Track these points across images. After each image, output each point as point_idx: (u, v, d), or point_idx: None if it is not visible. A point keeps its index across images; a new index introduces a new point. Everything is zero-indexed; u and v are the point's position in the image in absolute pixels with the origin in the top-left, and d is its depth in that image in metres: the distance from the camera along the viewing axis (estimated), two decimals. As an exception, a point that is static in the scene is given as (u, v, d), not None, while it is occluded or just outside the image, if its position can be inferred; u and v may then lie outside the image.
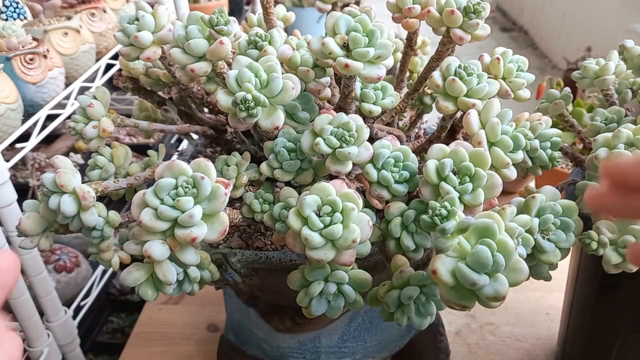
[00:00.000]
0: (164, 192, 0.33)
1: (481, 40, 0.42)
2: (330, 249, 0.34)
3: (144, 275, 0.35)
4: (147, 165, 0.49)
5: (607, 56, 0.50)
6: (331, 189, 0.34)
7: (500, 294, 0.30)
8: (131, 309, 1.15)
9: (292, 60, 0.43)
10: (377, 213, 0.40)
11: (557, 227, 0.40)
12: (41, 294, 0.73)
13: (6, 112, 0.65)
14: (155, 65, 0.50)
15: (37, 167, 1.10)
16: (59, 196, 0.38)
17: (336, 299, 0.38)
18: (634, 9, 2.11)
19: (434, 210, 0.33)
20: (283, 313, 0.55)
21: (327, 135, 0.37)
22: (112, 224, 0.42)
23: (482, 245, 0.30)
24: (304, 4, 1.87)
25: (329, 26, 0.38)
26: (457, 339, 0.72)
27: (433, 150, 0.37)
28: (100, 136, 0.45)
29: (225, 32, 0.39)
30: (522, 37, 3.29)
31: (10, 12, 0.78)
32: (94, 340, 1.08)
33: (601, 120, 0.48)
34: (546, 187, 0.42)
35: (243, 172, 0.43)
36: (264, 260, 0.45)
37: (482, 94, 0.39)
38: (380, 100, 0.43)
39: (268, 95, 0.37)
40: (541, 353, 0.69)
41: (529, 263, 0.37)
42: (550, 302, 0.77)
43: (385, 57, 0.38)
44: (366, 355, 0.58)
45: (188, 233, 0.32)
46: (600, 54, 0.51)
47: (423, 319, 0.38)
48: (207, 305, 0.79)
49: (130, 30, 0.41)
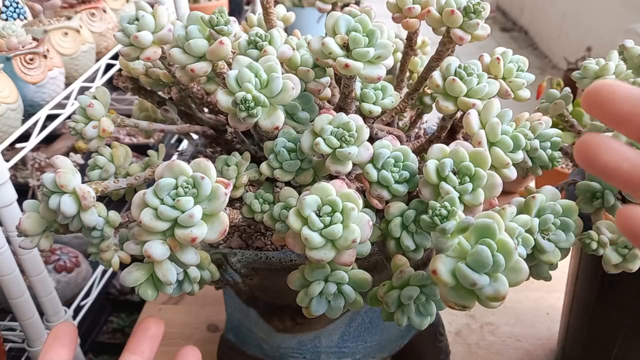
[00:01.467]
0: (164, 192, 0.33)
1: (481, 40, 0.42)
2: (330, 249, 0.34)
3: (144, 275, 0.35)
4: (147, 165, 0.49)
5: (607, 56, 0.50)
6: (331, 189, 0.34)
7: (500, 294, 0.30)
8: (131, 309, 1.15)
9: (292, 60, 0.43)
10: (377, 213, 0.40)
11: (557, 227, 0.40)
12: (41, 294, 0.73)
13: (6, 112, 0.65)
14: (155, 65, 0.50)
15: (37, 167, 1.10)
16: (59, 196, 0.38)
17: (336, 299, 0.38)
18: (634, 9, 2.11)
19: (434, 210, 0.33)
20: (283, 313, 0.55)
21: (327, 135, 0.37)
22: (112, 224, 0.42)
23: (482, 245, 0.30)
24: (304, 4, 1.87)
25: (329, 26, 0.38)
26: (457, 339, 0.72)
27: (433, 150, 0.37)
28: (100, 136, 0.45)
29: (225, 32, 0.39)
30: (522, 37, 3.29)
31: (10, 12, 0.78)
32: (94, 340, 1.08)
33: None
34: (546, 187, 0.42)
35: (243, 172, 0.43)
36: (264, 260, 0.45)
37: (482, 94, 0.39)
38: (380, 100, 0.43)
39: (268, 95, 0.37)
40: (541, 353, 0.69)
41: (529, 263, 0.37)
42: (550, 302, 0.77)
43: (385, 57, 0.38)
44: (366, 355, 0.58)
45: (188, 233, 0.32)
46: (600, 54, 0.51)
47: (423, 319, 0.38)
48: (207, 305, 0.79)
49: (130, 30, 0.41)
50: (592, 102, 0.21)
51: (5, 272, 0.66)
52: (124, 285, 0.35)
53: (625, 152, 0.20)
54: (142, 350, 0.33)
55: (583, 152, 0.21)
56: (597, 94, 0.21)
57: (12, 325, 0.83)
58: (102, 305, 1.12)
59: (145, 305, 0.82)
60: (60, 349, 0.31)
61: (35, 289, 0.72)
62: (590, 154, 0.21)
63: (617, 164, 0.20)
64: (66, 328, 0.32)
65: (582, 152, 0.21)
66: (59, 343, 0.31)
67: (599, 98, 0.21)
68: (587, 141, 0.21)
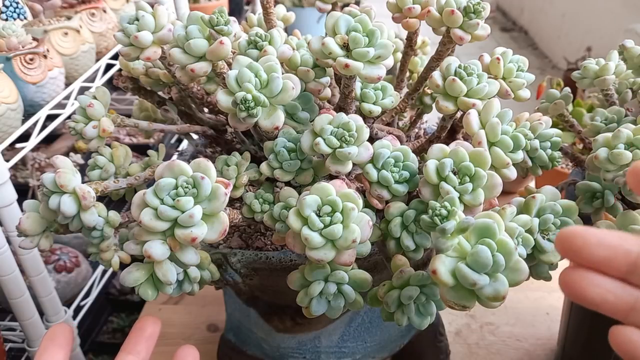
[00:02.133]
0: (164, 192, 0.33)
1: (481, 40, 0.42)
2: (330, 249, 0.34)
3: (144, 275, 0.35)
4: (147, 165, 0.49)
5: (607, 56, 0.50)
6: (331, 189, 0.34)
7: (500, 294, 0.30)
8: (131, 309, 1.15)
9: (292, 60, 0.43)
10: (377, 213, 0.40)
11: (557, 227, 0.40)
12: (41, 294, 0.73)
13: (6, 112, 0.65)
14: (155, 65, 0.50)
15: (37, 167, 1.10)
16: (59, 196, 0.38)
17: (336, 299, 0.38)
18: (634, 9, 2.11)
19: (434, 210, 0.33)
20: (283, 313, 0.55)
21: (327, 135, 0.37)
22: (112, 224, 0.42)
23: (482, 245, 0.30)
24: (304, 4, 1.87)
25: (329, 26, 0.38)
26: (457, 339, 0.72)
27: (433, 150, 0.37)
28: (100, 136, 0.45)
29: (225, 32, 0.39)
30: (522, 37, 3.29)
31: (10, 12, 0.78)
32: (94, 340, 1.08)
33: (601, 120, 0.48)
34: (546, 187, 0.42)
35: (243, 172, 0.43)
36: (264, 260, 0.45)
37: (482, 94, 0.39)
38: (380, 100, 0.43)
39: (268, 95, 0.37)
40: (541, 353, 0.69)
41: (529, 263, 0.37)
42: (550, 302, 0.77)
43: (385, 57, 0.38)
44: (366, 355, 0.58)
45: (188, 233, 0.32)
46: (600, 54, 0.51)
47: (423, 319, 0.38)
48: (207, 305, 0.79)
49: (130, 30, 0.41)
50: (568, 249, 0.22)
51: (5, 272, 0.66)
52: (124, 285, 0.35)
53: (608, 285, 0.22)
54: (138, 350, 0.33)
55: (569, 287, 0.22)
56: (571, 242, 0.21)
57: (12, 325, 0.83)
58: (102, 305, 1.12)
59: (145, 305, 0.82)
60: (56, 350, 0.31)
61: (35, 289, 0.72)
62: (576, 289, 0.22)
63: (603, 297, 0.22)
64: (62, 329, 0.32)
65: (568, 287, 0.22)
66: (54, 344, 0.31)
67: (574, 246, 0.21)
68: (570, 276, 0.22)
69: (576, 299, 0.22)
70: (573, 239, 0.21)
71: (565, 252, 0.22)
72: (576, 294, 0.22)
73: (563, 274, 0.22)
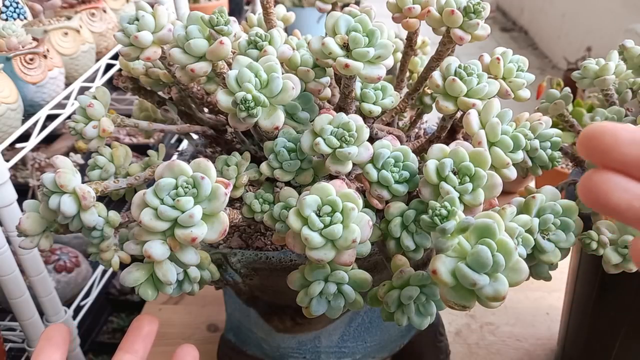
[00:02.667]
0: (164, 192, 0.33)
1: (481, 40, 0.42)
2: (330, 249, 0.34)
3: (144, 275, 0.35)
4: (147, 165, 0.49)
5: (607, 56, 0.50)
6: (331, 189, 0.34)
7: (500, 294, 0.30)
8: (131, 309, 1.15)
9: (292, 60, 0.43)
10: (377, 213, 0.40)
11: (557, 227, 0.40)
12: (41, 294, 0.73)
13: (6, 112, 0.65)
14: (155, 65, 0.50)
15: (37, 167, 1.10)
16: (59, 196, 0.38)
17: (336, 299, 0.38)
18: (634, 9, 2.11)
19: (434, 210, 0.33)
20: (283, 313, 0.55)
21: (327, 135, 0.37)
22: (112, 224, 0.42)
23: (482, 245, 0.30)
24: (304, 4, 1.87)
25: (329, 26, 0.38)
26: (457, 339, 0.72)
27: (433, 150, 0.37)
28: (100, 136, 0.45)
29: (225, 32, 0.39)
30: (522, 37, 3.29)
31: (10, 12, 0.78)
32: (94, 340, 1.08)
33: (601, 120, 0.48)
34: (546, 187, 0.42)
35: (243, 172, 0.43)
36: (264, 260, 0.45)
37: (482, 94, 0.39)
38: (380, 100, 0.43)
39: (268, 95, 0.37)
40: (541, 353, 0.69)
41: (529, 263, 0.37)
42: (550, 302, 0.77)
43: (385, 57, 0.38)
44: (366, 355, 0.58)
45: (188, 233, 0.32)
46: (600, 54, 0.51)
47: (423, 319, 0.38)
48: (207, 305, 0.79)
49: (130, 30, 0.41)
50: (594, 148, 0.19)
51: (5, 272, 0.66)
52: (124, 285, 0.35)
53: (634, 189, 0.19)
54: (135, 349, 0.33)
55: (590, 192, 0.19)
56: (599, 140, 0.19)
57: (12, 325, 0.84)
58: (102, 305, 1.12)
59: (145, 305, 0.82)
60: (52, 350, 0.31)
61: (35, 289, 0.72)
62: (598, 195, 0.19)
63: (629, 203, 0.19)
64: (59, 329, 0.32)
65: (589, 193, 0.19)
66: (51, 344, 0.31)
67: (602, 144, 0.19)
68: (592, 179, 0.19)
69: (597, 205, 0.19)
70: (602, 136, 0.18)
71: (590, 151, 0.19)
72: (598, 199, 0.19)
73: (584, 178, 0.19)
